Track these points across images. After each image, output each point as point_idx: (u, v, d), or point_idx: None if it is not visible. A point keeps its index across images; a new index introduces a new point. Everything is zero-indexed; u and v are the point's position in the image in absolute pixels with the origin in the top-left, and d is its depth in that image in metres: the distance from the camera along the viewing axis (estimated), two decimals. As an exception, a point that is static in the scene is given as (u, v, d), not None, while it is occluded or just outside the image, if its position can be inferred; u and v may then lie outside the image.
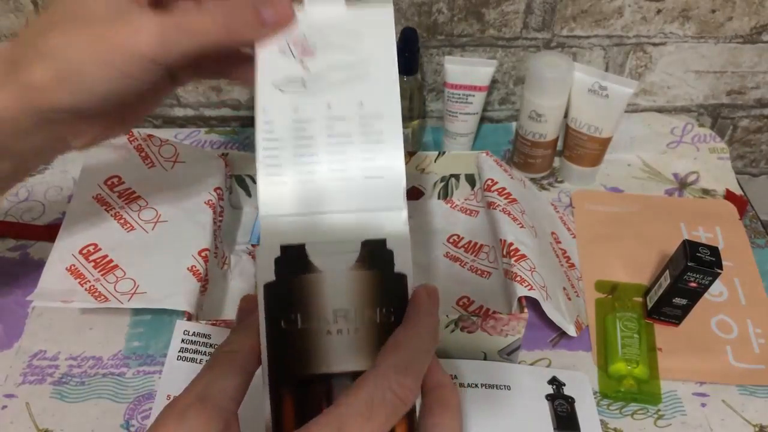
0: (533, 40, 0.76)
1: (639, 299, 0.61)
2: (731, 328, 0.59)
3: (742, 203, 0.71)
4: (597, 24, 0.75)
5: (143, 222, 0.59)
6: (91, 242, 0.57)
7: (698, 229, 0.68)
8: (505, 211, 0.60)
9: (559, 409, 0.51)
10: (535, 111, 0.67)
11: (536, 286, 0.54)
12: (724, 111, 0.85)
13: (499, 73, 0.79)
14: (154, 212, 0.59)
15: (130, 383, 0.54)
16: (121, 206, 0.60)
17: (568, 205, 0.71)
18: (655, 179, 0.74)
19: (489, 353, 0.54)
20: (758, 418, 0.53)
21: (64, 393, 0.53)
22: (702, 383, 0.55)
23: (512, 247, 0.57)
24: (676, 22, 0.75)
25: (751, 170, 0.93)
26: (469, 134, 0.75)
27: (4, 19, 0.72)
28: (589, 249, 0.66)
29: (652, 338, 0.58)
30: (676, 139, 0.78)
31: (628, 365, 0.54)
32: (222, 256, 0.61)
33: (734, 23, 0.75)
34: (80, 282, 0.54)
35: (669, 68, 0.79)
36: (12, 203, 0.69)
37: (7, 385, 0.54)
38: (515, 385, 0.52)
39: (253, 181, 0.67)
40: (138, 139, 0.64)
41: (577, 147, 0.71)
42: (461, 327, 0.52)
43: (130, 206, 0.60)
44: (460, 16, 0.73)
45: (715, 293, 0.62)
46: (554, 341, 0.58)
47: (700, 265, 0.53)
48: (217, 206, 0.60)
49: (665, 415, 0.53)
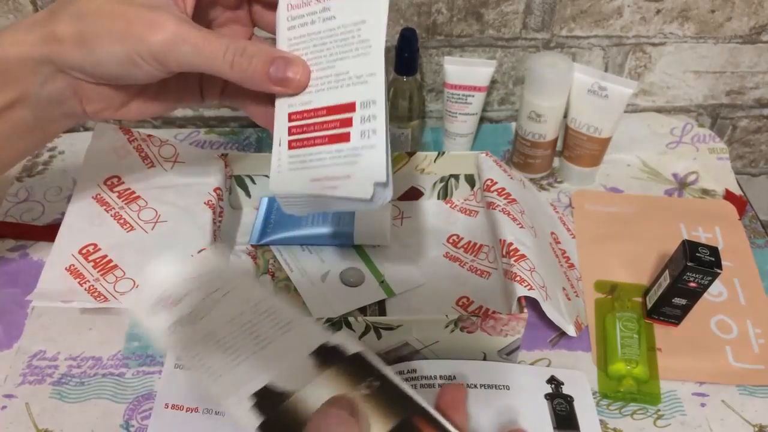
0: (532, 41, 0.76)
1: (638, 299, 0.61)
2: (731, 328, 0.59)
3: (742, 203, 0.71)
4: (596, 24, 0.75)
5: (143, 222, 0.59)
6: (90, 242, 0.57)
7: (698, 229, 0.68)
8: (504, 212, 0.60)
9: (558, 408, 0.51)
10: (535, 111, 0.67)
11: (536, 286, 0.54)
12: (724, 111, 0.85)
13: (498, 73, 0.79)
14: (153, 212, 0.59)
15: (130, 383, 0.54)
16: (120, 206, 0.60)
17: (568, 205, 0.71)
18: (655, 179, 0.74)
19: (488, 353, 0.54)
20: (758, 418, 0.53)
21: (63, 393, 0.53)
22: (701, 383, 0.55)
23: (512, 247, 0.57)
24: (675, 23, 0.75)
25: (751, 170, 0.93)
26: (469, 134, 0.75)
27: (4, 19, 0.72)
28: (589, 249, 0.66)
29: (652, 338, 0.58)
30: (675, 139, 0.79)
31: (628, 365, 0.54)
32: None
33: (733, 23, 0.75)
34: (80, 282, 0.54)
35: (668, 68, 0.79)
36: (12, 203, 0.69)
37: (7, 385, 0.54)
38: (514, 385, 0.52)
39: (252, 182, 0.67)
40: (138, 139, 0.64)
41: (576, 147, 0.71)
42: (461, 327, 0.52)
43: (130, 206, 0.60)
44: (459, 16, 0.73)
45: (715, 293, 0.62)
46: (554, 341, 0.58)
47: (699, 265, 0.53)
48: (217, 206, 0.60)
49: (665, 415, 0.53)
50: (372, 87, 0.36)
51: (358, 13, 0.37)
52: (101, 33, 0.37)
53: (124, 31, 0.36)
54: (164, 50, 0.36)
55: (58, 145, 0.76)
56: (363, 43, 0.37)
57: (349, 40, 0.37)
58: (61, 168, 0.73)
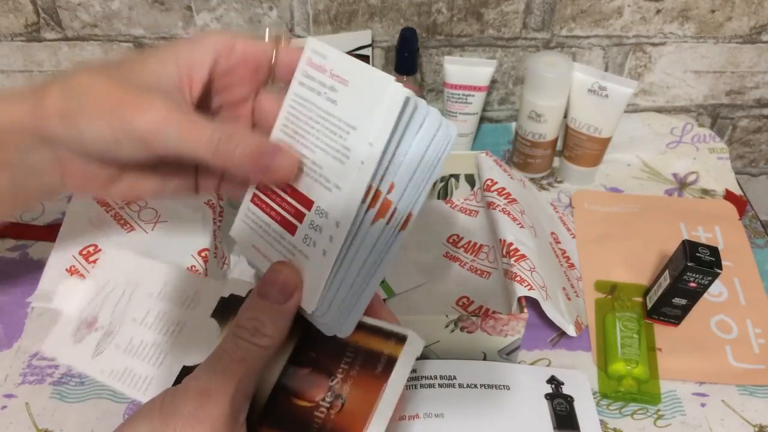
0: (533, 40, 0.76)
1: (639, 299, 0.61)
2: (731, 328, 0.59)
3: (742, 203, 0.71)
4: (596, 24, 0.75)
5: (143, 222, 0.59)
6: (91, 243, 0.57)
7: (698, 229, 0.68)
8: (504, 211, 0.60)
9: (558, 408, 0.51)
10: (535, 111, 0.67)
11: (536, 286, 0.54)
12: (724, 111, 0.85)
13: (498, 73, 0.79)
14: (153, 212, 0.59)
15: (130, 383, 0.54)
16: (120, 206, 0.60)
17: (568, 205, 0.71)
18: (655, 179, 0.74)
19: (489, 353, 0.54)
20: (758, 418, 0.53)
21: (63, 393, 0.53)
22: (701, 383, 0.55)
23: (512, 247, 0.57)
24: (675, 22, 0.75)
25: (751, 170, 0.93)
26: (469, 134, 0.75)
27: (4, 18, 0.72)
28: (589, 249, 0.66)
29: (652, 338, 0.58)
30: (675, 139, 0.78)
31: (628, 365, 0.54)
32: (222, 256, 0.61)
33: (733, 23, 0.75)
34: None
35: (668, 68, 0.79)
36: (12, 203, 0.69)
37: (7, 385, 0.54)
38: (514, 385, 0.52)
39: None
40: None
41: (576, 147, 0.71)
42: (461, 327, 0.52)
43: (130, 206, 0.60)
44: (459, 16, 0.73)
45: (715, 293, 0.62)
46: (554, 341, 0.58)
47: (699, 265, 0.53)
48: (217, 206, 0.60)
49: (665, 415, 0.53)
50: (334, 199, 0.33)
51: (356, 116, 0.33)
52: (87, 109, 0.36)
53: (111, 109, 0.35)
54: (148, 133, 0.35)
55: (58, 144, 0.76)
56: (345, 149, 0.33)
57: (336, 136, 0.34)
58: (61, 168, 0.73)
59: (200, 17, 0.72)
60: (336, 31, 0.74)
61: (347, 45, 0.72)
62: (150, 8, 0.71)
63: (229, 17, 0.72)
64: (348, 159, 0.33)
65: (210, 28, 0.73)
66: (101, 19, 0.72)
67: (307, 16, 0.73)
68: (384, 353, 0.34)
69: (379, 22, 0.73)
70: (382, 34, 0.74)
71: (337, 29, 0.74)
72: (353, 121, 0.33)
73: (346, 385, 0.34)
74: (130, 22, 0.72)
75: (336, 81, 0.35)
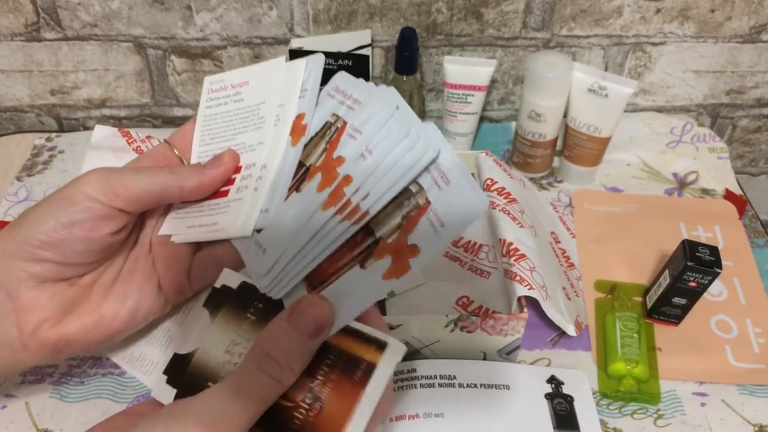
0: (532, 40, 0.76)
1: (638, 299, 0.61)
2: (731, 327, 0.59)
3: (742, 203, 0.71)
4: (596, 24, 0.75)
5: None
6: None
7: (698, 228, 0.68)
8: (504, 211, 0.60)
9: (558, 408, 0.51)
10: (535, 111, 0.67)
11: (536, 285, 0.54)
12: (724, 110, 0.85)
13: (498, 72, 0.79)
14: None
15: (130, 383, 0.54)
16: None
17: (568, 204, 0.71)
18: (655, 179, 0.74)
19: (488, 353, 0.54)
20: (758, 417, 0.53)
21: (63, 393, 0.53)
22: (701, 383, 0.55)
23: (512, 247, 0.57)
24: (675, 22, 0.75)
25: (751, 170, 0.93)
26: (469, 134, 0.75)
27: (4, 18, 0.72)
28: (589, 249, 0.66)
29: (652, 338, 0.58)
30: (675, 138, 0.79)
31: (628, 365, 0.54)
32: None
33: (733, 23, 0.75)
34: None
35: (668, 68, 0.79)
36: (12, 203, 0.69)
37: (7, 385, 0.54)
38: (514, 385, 0.52)
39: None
40: (137, 140, 0.64)
41: (576, 147, 0.71)
42: (461, 327, 0.52)
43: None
44: (459, 15, 0.73)
45: (715, 293, 0.62)
46: (554, 341, 0.58)
47: (699, 265, 0.53)
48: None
49: (665, 415, 0.53)
50: (258, 153, 0.42)
51: (263, 96, 0.44)
52: (36, 207, 0.39)
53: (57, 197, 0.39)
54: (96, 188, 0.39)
55: (58, 144, 0.76)
56: (259, 120, 0.43)
57: (250, 117, 0.44)
58: (61, 168, 0.73)
59: (200, 17, 0.72)
60: (336, 31, 0.74)
61: (347, 45, 0.72)
62: (150, 8, 0.71)
63: (229, 17, 0.72)
64: (264, 123, 0.42)
65: (210, 27, 0.73)
66: (101, 19, 0.72)
67: (306, 16, 0.73)
68: (364, 359, 0.34)
69: (378, 22, 0.73)
70: (381, 33, 0.74)
71: (336, 29, 0.74)
72: (261, 99, 0.44)
73: (326, 388, 0.34)
74: (130, 21, 0.73)
75: (238, 87, 0.45)
